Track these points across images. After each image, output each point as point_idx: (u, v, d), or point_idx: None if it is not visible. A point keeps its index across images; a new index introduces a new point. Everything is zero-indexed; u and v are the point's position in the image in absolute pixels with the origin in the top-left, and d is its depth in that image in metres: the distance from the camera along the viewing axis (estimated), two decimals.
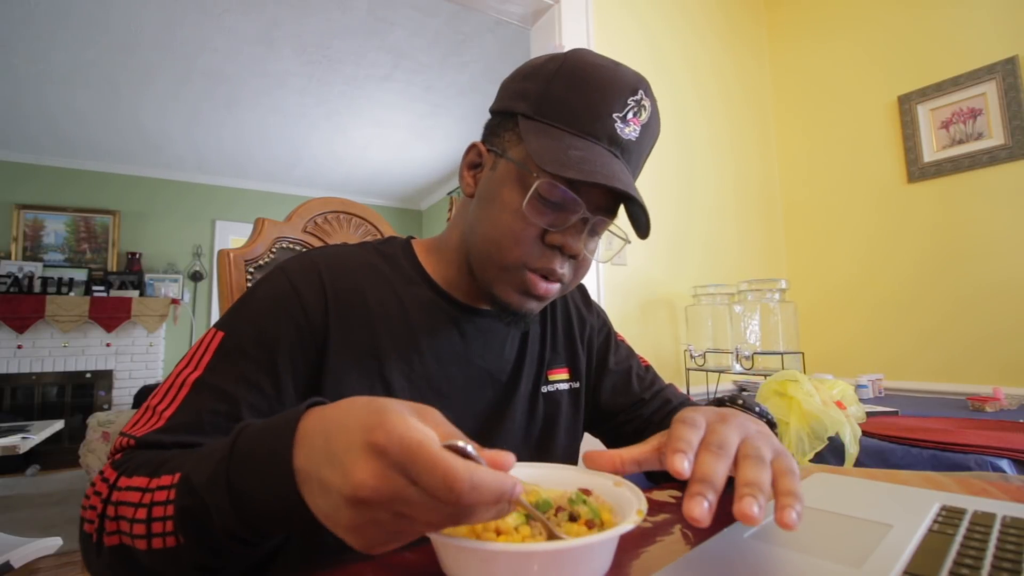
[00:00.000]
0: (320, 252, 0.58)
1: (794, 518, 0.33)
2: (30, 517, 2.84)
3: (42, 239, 4.30)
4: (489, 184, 0.55)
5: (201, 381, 0.48)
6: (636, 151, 0.53)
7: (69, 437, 3.82)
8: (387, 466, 0.26)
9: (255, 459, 0.32)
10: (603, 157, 0.50)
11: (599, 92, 0.51)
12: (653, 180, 1.80)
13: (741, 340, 1.66)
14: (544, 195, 0.51)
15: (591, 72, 0.52)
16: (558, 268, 0.53)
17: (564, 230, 0.52)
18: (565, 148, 0.49)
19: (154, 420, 0.46)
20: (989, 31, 1.71)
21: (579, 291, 0.76)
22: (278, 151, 4.46)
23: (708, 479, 0.35)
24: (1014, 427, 1.16)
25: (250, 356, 0.49)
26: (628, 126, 0.52)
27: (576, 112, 0.51)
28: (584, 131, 0.51)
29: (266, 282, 0.55)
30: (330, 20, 2.68)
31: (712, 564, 0.36)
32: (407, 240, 0.65)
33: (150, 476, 0.38)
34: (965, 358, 1.71)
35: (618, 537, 0.33)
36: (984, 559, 0.35)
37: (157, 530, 0.35)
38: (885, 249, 1.92)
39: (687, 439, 0.38)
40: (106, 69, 3.10)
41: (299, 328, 0.52)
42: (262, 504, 0.32)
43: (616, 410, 0.69)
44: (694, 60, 2.00)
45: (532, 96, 0.53)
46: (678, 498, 0.53)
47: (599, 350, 0.72)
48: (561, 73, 0.52)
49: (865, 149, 2.00)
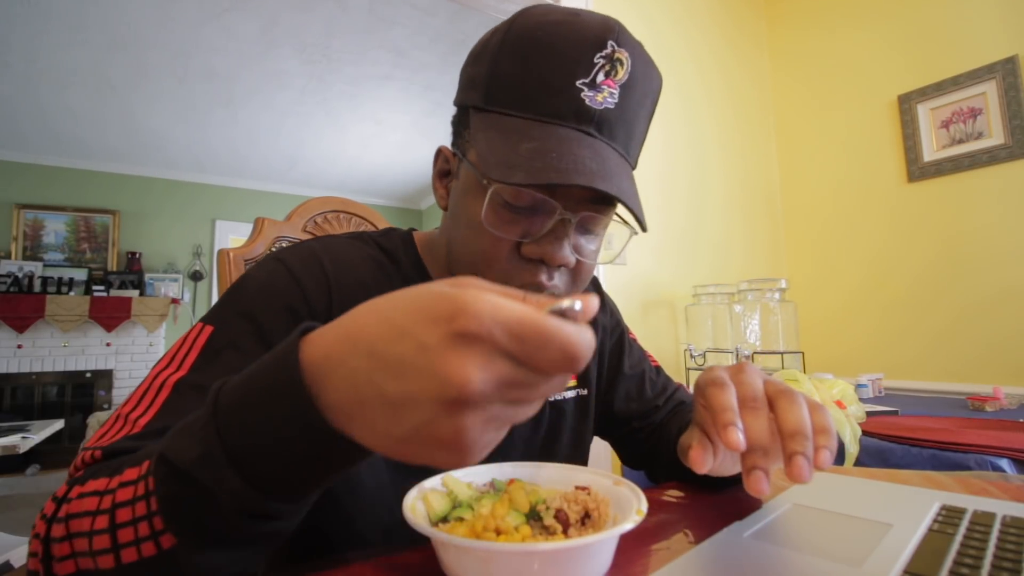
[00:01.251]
0: (319, 243, 0.52)
1: (827, 458, 0.35)
2: (30, 516, 2.84)
3: (42, 239, 4.30)
4: (456, 196, 0.48)
5: (185, 382, 0.40)
6: (620, 120, 0.44)
7: (69, 437, 3.82)
8: (490, 351, 0.22)
9: (253, 407, 0.26)
10: (565, 142, 0.41)
11: (554, 59, 0.41)
12: (654, 179, 1.80)
13: (741, 340, 1.66)
14: (509, 200, 0.43)
15: (541, 36, 0.42)
16: (545, 282, 0.45)
17: (540, 239, 0.43)
18: (516, 143, 0.41)
19: (125, 429, 0.38)
20: (989, 31, 1.71)
21: (593, 287, 0.70)
22: (278, 150, 4.46)
23: (760, 444, 0.36)
24: (1014, 427, 1.16)
25: (245, 351, 0.42)
26: (600, 92, 0.42)
27: (529, 91, 0.42)
28: (543, 113, 0.42)
29: (260, 271, 0.48)
30: (330, 19, 2.68)
31: (712, 564, 0.36)
32: (408, 233, 0.59)
33: (110, 476, 0.31)
34: (964, 356, 1.71)
35: (618, 537, 0.33)
36: (984, 558, 0.35)
37: (126, 539, 0.28)
38: (885, 248, 1.92)
39: (730, 406, 0.38)
40: (106, 69, 3.10)
41: (299, 319, 0.45)
42: (281, 455, 0.25)
43: (630, 416, 0.66)
44: (694, 60, 1.99)
45: (480, 82, 0.45)
46: (679, 498, 0.53)
47: (612, 354, 0.67)
48: (507, 44, 0.43)
49: (865, 148, 2.00)
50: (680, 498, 0.53)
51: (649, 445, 0.65)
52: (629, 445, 0.68)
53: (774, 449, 0.37)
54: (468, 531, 0.34)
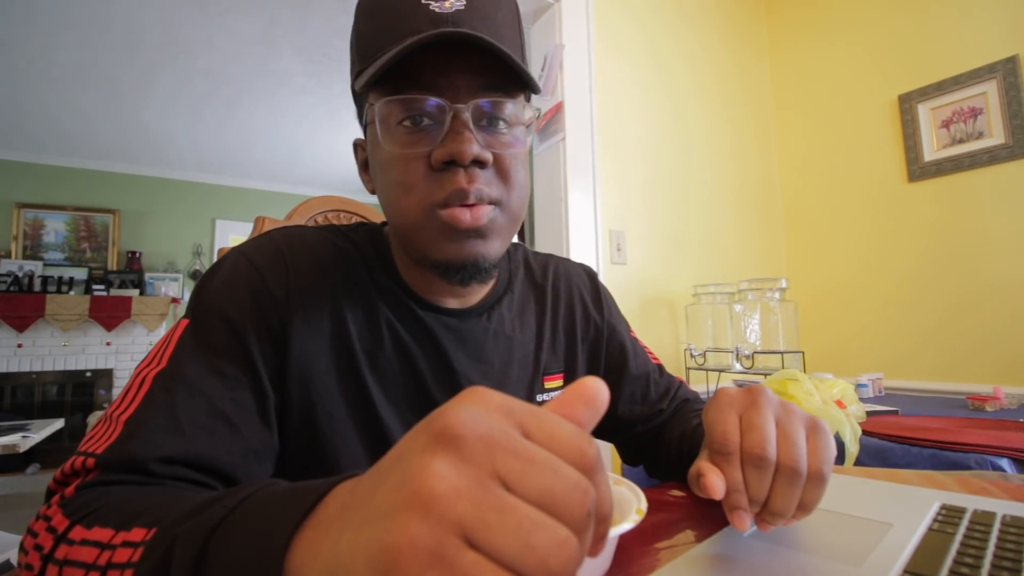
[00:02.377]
0: (279, 231, 0.52)
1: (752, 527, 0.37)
2: (31, 516, 2.83)
3: (42, 238, 4.30)
4: (371, 164, 0.50)
5: (163, 374, 0.41)
6: (476, 15, 0.44)
7: (69, 436, 3.82)
8: (491, 413, 0.18)
9: (251, 516, 0.24)
10: (418, 35, 0.41)
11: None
12: (654, 179, 1.80)
13: (741, 339, 1.66)
14: (399, 117, 0.43)
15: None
16: (466, 184, 0.43)
17: (443, 141, 0.43)
18: (381, 57, 0.42)
19: (111, 429, 0.38)
20: (990, 30, 1.70)
21: (590, 284, 0.67)
22: (279, 150, 4.46)
23: (758, 501, 0.37)
24: (1014, 426, 1.16)
25: (220, 347, 0.43)
26: (445, 0, 0.43)
27: (384, 31, 0.44)
28: (400, 39, 0.42)
29: (223, 265, 0.48)
30: (331, 20, 2.68)
31: (712, 564, 0.36)
32: (379, 227, 0.57)
33: (117, 528, 0.29)
34: (965, 357, 1.71)
35: (618, 537, 0.33)
36: (984, 558, 0.35)
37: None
38: (885, 248, 1.92)
39: (738, 486, 0.37)
40: (107, 68, 3.10)
41: (264, 314, 0.46)
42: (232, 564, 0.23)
43: (634, 420, 0.64)
44: (694, 58, 1.99)
45: (353, 56, 0.48)
46: (679, 497, 0.53)
47: (614, 356, 0.65)
48: (359, 13, 0.48)
49: (865, 148, 1.99)
50: (680, 497, 0.53)
51: (651, 446, 0.65)
52: (631, 446, 0.67)
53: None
54: None
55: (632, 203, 1.72)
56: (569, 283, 0.65)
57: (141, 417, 0.38)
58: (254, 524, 0.23)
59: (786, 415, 0.38)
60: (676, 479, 0.59)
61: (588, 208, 1.58)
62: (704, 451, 0.43)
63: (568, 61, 1.58)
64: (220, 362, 0.43)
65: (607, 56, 1.71)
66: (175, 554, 0.24)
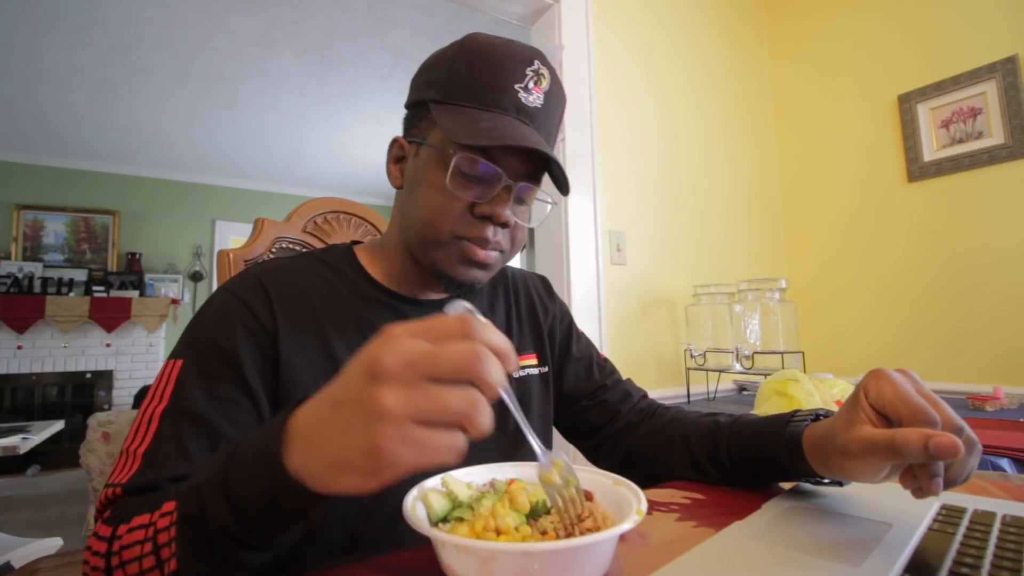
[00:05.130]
0: (259, 266, 0.60)
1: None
2: (31, 517, 2.84)
3: (42, 239, 4.30)
4: (414, 172, 0.58)
5: (170, 411, 0.48)
6: (544, 117, 0.57)
7: (69, 437, 3.82)
8: (400, 343, 0.28)
9: (246, 453, 0.34)
10: (512, 125, 0.53)
11: (498, 66, 0.54)
12: (654, 180, 1.80)
13: (741, 339, 1.66)
14: (465, 169, 0.53)
15: (488, 50, 0.55)
16: (491, 236, 0.55)
17: (491, 201, 0.54)
18: (476, 121, 0.52)
19: (130, 462, 0.46)
20: (989, 30, 1.71)
21: (542, 283, 0.79)
22: (278, 151, 4.46)
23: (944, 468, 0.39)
24: (1014, 426, 1.16)
25: (216, 375, 0.50)
26: (531, 94, 0.55)
27: (480, 88, 0.54)
28: (491, 104, 0.53)
29: (212, 303, 0.55)
30: (330, 20, 2.68)
31: (712, 564, 0.36)
32: (349, 246, 0.66)
33: (151, 511, 0.38)
34: (965, 357, 1.71)
35: (618, 537, 0.33)
36: (984, 558, 0.35)
37: (166, 555, 0.35)
38: (885, 248, 1.92)
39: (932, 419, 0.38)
40: (105, 69, 3.10)
41: (253, 334, 0.53)
42: (247, 484, 0.33)
43: (579, 395, 0.73)
44: (694, 58, 2.00)
45: (438, 83, 0.56)
46: (679, 498, 0.53)
47: (562, 339, 0.76)
48: (460, 56, 0.55)
49: (865, 148, 2.00)
50: (680, 498, 0.53)
51: (600, 427, 0.71)
52: (579, 426, 0.74)
53: None
54: (468, 531, 0.34)
55: (632, 203, 1.72)
56: (525, 282, 0.77)
57: (154, 450, 0.46)
58: (254, 448, 0.33)
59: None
60: (679, 477, 0.60)
61: (588, 208, 1.58)
62: (861, 424, 0.42)
63: (567, 62, 1.58)
64: (218, 388, 0.49)
65: (606, 56, 1.71)
66: (202, 491, 0.34)
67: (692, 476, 0.60)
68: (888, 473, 0.41)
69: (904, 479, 0.39)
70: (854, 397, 0.43)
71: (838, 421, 0.44)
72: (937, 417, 0.38)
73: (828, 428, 0.46)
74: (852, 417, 0.42)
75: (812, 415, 0.52)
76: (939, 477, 0.37)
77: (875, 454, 0.39)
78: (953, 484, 0.39)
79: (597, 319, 1.55)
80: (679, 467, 0.61)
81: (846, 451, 0.42)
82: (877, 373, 0.42)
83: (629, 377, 0.79)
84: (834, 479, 0.48)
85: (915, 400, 0.39)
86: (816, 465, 0.48)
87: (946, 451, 0.35)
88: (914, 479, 0.38)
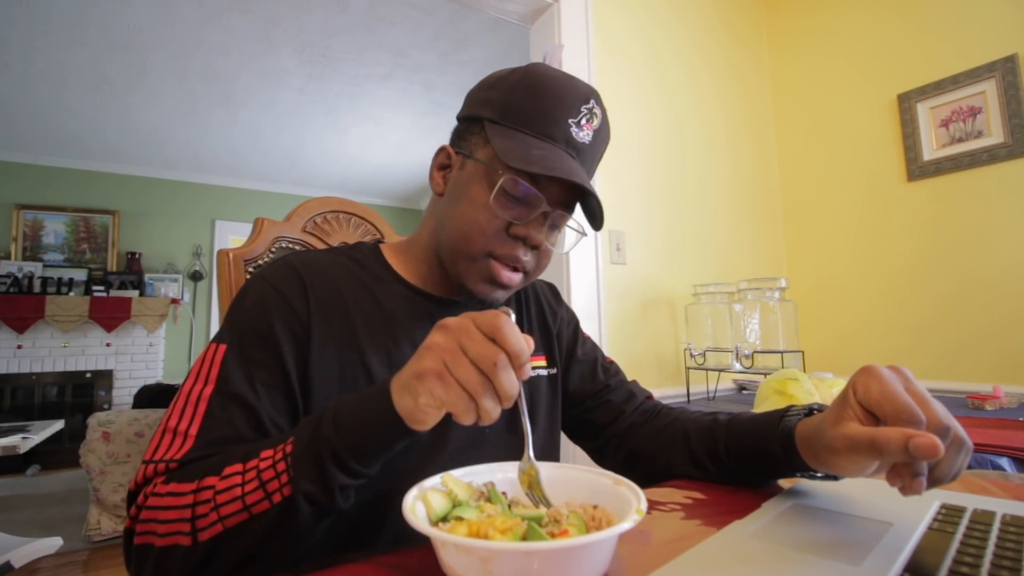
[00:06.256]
0: (295, 255, 0.62)
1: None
2: (30, 517, 2.84)
3: (42, 239, 4.30)
4: (458, 183, 0.61)
5: (218, 393, 0.50)
6: (590, 153, 0.60)
7: (69, 437, 3.82)
8: (458, 320, 0.40)
9: (353, 397, 0.43)
10: (561, 156, 0.56)
11: (556, 100, 0.57)
12: (652, 179, 1.80)
13: (741, 339, 1.66)
14: (509, 190, 0.56)
15: (549, 83, 0.58)
16: (522, 256, 0.58)
17: (527, 223, 0.57)
18: (528, 148, 0.55)
19: (180, 441, 0.48)
20: (989, 29, 1.71)
21: (550, 289, 0.82)
22: (278, 150, 4.46)
23: (930, 467, 0.39)
24: (1014, 425, 1.16)
25: (258, 361, 0.53)
26: (582, 131, 0.58)
27: (536, 117, 0.57)
28: (544, 134, 0.57)
29: (250, 290, 0.58)
30: (329, 18, 2.68)
31: (712, 563, 0.36)
32: (375, 244, 0.69)
33: (243, 461, 0.43)
34: (965, 357, 1.71)
35: (617, 536, 0.33)
36: (984, 557, 0.35)
37: (273, 487, 0.41)
38: (885, 247, 1.92)
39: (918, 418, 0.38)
40: (104, 68, 3.10)
41: (290, 327, 0.55)
42: (352, 415, 0.42)
43: (584, 396, 0.74)
44: (693, 58, 1.99)
45: (496, 103, 0.59)
46: (679, 497, 0.53)
47: (569, 342, 0.78)
48: (523, 83, 0.58)
49: (865, 147, 1.99)
50: (680, 497, 0.53)
51: (605, 428, 0.72)
52: (584, 427, 0.75)
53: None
54: (468, 531, 0.34)
55: (631, 203, 1.72)
56: (534, 288, 0.80)
57: (207, 429, 0.49)
58: (363, 393, 0.44)
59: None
60: (679, 474, 0.61)
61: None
62: (847, 421, 0.42)
63: (567, 61, 1.58)
64: (260, 374, 0.52)
65: (606, 56, 1.71)
66: (322, 425, 0.42)
67: (692, 473, 0.60)
68: (877, 469, 0.41)
69: (890, 477, 0.39)
70: (843, 394, 0.43)
71: (827, 417, 0.44)
72: (922, 416, 0.37)
73: (818, 424, 0.46)
74: (840, 414, 0.43)
75: (806, 409, 0.53)
76: (922, 476, 0.37)
77: (858, 452, 0.40)
78: (939, 483, 0.39)
79: (597, 318, 1.55)
80: (679, 464, 0.62)
81: (832, 448, 0.43)
82: (867, 370, 0.42)
83: (635, 379, 0.79)
84: (828, 473, 0.49)
85: (900, 398, 0.39)
86: (808, 459, 0.48)
87: (925, 451, 0.35)
88: (900, 477, 0.38)
